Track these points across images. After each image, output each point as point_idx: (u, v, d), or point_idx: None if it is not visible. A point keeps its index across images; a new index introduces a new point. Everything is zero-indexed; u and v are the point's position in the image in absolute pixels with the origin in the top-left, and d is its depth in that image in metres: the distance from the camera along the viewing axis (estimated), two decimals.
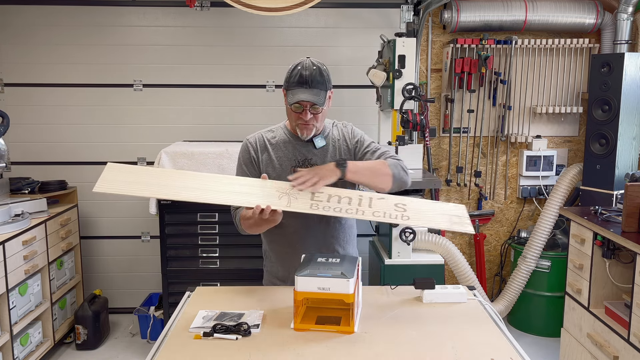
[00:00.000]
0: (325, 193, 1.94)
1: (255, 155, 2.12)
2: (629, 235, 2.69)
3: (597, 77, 3.63)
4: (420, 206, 1.99)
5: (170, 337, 1.69)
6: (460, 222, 1.95)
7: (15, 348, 3.11)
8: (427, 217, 1.96)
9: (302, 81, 1.95)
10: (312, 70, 1.96)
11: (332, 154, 2.11)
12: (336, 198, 1.93)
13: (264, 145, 2.12)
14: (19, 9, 4.00)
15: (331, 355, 1.56)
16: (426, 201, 2.08)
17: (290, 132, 2.13)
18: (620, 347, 2.73)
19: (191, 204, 3.43)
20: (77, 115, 4.13)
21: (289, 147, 2.11)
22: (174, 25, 4.08)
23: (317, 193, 1.93)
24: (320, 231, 2.11)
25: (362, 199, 1.94)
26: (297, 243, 2.11)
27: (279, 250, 2.18)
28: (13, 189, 3.64)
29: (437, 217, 1.97)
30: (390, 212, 1.91)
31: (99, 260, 4.30)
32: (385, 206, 1.93)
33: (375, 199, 1.96)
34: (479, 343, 1.65)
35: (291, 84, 1.98)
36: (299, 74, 1.96)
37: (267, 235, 2.21)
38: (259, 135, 2.16)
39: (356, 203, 1.92)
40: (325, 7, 4.02)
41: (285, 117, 2.15)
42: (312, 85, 1.96)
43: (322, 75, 1.99)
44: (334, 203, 1.91)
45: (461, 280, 3.79)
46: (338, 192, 1.96)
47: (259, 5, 3.08)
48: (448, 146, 4.18)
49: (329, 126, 2.16)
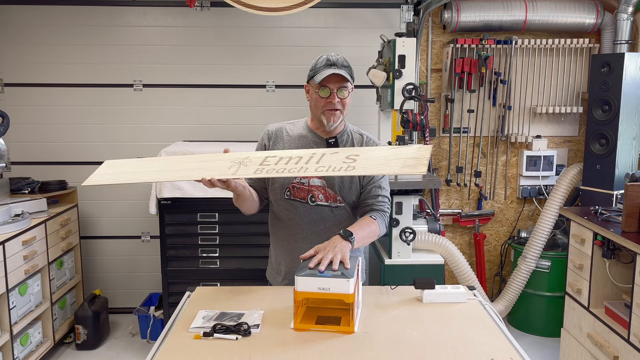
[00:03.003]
0: (278, 156, 1.86)
1: (268, 143, 2.15)
2: (629, 235, 2.69)
3: (597, 77, 3.63)
4: (373, 154, 1.83)
5: (170, 337, 1.69)
6: (414, 164, 1.70)
7: (15, 348, 3.11)
8: (375, 164, 1.78)
9: (330, 63, 2.00)
10: (338, 57, 2.02)
11: None
12: (286, 159, 1.83)
13: (281, 135, 2.15)
14: (19, 9, 4.00)
15: (331, 355, 1.56)
16: (382, 148, 1.92)
17: (309, 128, 2.14)
18: (620, 347, 2.73)
19: (191, 204, 3.47)
20: (77, 115, 4.13)
21: (303, 141, 2.12)
22: (174, 25, 4.08)
23: (269, 157, 1.86)
24: (318, 231, 2.11)
25: (312, 157, 1.82)
26: (292, 237, 2.13)
27: (276, 242, 2.21)
28: (13, 189, 3.64)
29: (389, 162, 1.77)
30: (335, 166, 1.75)
31: (99, 260, 4.30)
32: (333, 160, 1.79)
33: (328, 154, 1.83)
34: (479, 343, 1.65)
35: (318, 68, 2.01)
36: (326, 58, 2.01)
37: (270, 225, 2.25)
38: (280, 124, 2.19)
39: (304, 161, 1.80)
40: (325, 7, 4.02)
41: (308, 114, 2.16)
42: (340, 67, 1.99)
43: (348, 62, 2.04)
44: (280, 165, 1.81)
45: (461, 280, 3.79)
46: (289, 153, 1.88)
47: (259, 5, 3.08)
48: (448, 146, 4.18)
49: (351, 132, 2.16)
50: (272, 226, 2.22)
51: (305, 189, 2.08)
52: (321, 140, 2.12)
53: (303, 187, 2.08)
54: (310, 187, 2.08)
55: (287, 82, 4.14)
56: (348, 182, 2.11)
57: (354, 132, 2.17)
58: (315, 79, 2.00)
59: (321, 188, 2.08)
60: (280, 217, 2.14)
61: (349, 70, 2.01)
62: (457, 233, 4.33)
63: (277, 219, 2.16)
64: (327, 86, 1.99)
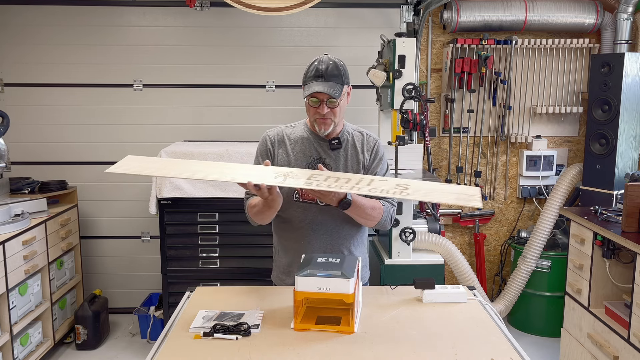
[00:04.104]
0: (325, 175, 1.89)
1: (272, 148, 2.15)
2: (629, 235, 2.69)
3: (597, 77, 3.63)
4: (424, 186, 1.90)
5: (170, 337, 1.69)
6: (468, 199, 1.80)
7: (15, 348, 3.11)
8: (431, 193, 1.87)
9: (318, 74, 1.99)
10: (329, 65, 2.00)
11: (345, 159, 2.12)
12: (334, 179, 1.87)
13: (282, 140, 2.15)
14: (19, 9, 4.00)
15: (331, 355, 1.56)
16: (433, 183, 1.95)
17: (309, 129, 2.15)
18: (620, 347, 2.73)
19: (191, 204, 3.48)
20: (77, 115, 4.13)
21: (305, 144, 2.13)
22: (174, 25, 4.08)
23: (315, 174, 1.89)
24: (330, 229, 2.12)
25: (362, 179, 1.88)
26: (304, 239, 2.12)
27: (287, 245, 2.20)
28: (13, 189, 3.64)
29: (444, 193, 1.86)
30: (388, 189, 1.81)
31: (99, 260, 4.30)
32: (385, 185, 1.84)
33: (377, 180, 1.89)
34: (479, 343, 1.65)
35: (308, 78, 2.02)
36: (315, 68, 2.00)
37: (277, 229, 2.23)
38: (279, 129, 2.19)
39: (354, 182, 1.86)
40: (325, 7, 4.02)
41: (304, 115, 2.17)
42: (328, 79, 1.99)
43: (338, 69, 2.02)
44: (330, 182, 1.84)
45: (461, 280, 3.79)
46: (337, 174, 1.91)
47: (259, 5, 3.08)
48: (448, 146, 4.19)
49: (350, 130, 2.17)
50: (280, 230, 2.20)
51: None
52: (324, 141, 2.12)
53: None
54: None
55: (287, 82, 4.14)
56: None
57: (353, 131, 2.18)
58: (304, 90, 2.02)
59: None
60: (290, 220, 2.14)
61: (338, 80, 2.00)
62: (457, 233, 4.33)
63: (286, 221, 2.15)
64: (316, 97, 2.00)
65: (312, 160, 2.10)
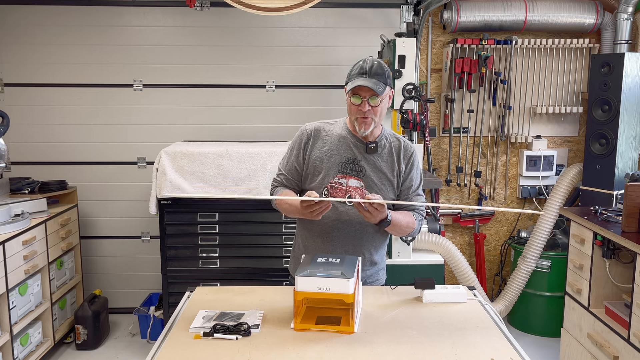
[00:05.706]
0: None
1: (308, 142, 2.15)
2: (629, 235, 2.69)
3: (597, 77, 3.63)
4: None
5: (170, 337, 1.69)
6: None
7: (15, 348, 3.11)
8: None
9: (362, 72, 2.01)
10: (373, 63, 2.02)
11: (379, 164, 2.12)
12: None
13: (319, 135, 2.16)
14: (19, 9, 4.00)
15: (331, 355, 1.56)
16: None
17: (348, 128, 2.15)
18: (620, 347, 2.73)
19: (191, 204, 3.48)
20: (77, 115, 4.13)
21: (342, 143, 2.13)
22: (174, 25, 4.08)
23: None
24: (354, 230, 2.12)
25: None
26: (327, 234, 2.13)
27: (308, 239, 2.19)
28: (13, 189, 3.64)
29: None
30: None
31: (99, 260, 4.30)
32: None
33: None
34: (479, 343, 1.65)
35: (352, 75, 2.04)
36: (359, 66, 2.02)
37: (300, 222, 2.24)
38: (317, 124, 2.20)
39: None
40: (325, 7, 4.02)
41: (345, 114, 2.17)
42: (372, 76, 1.99)
43: (383, 69, 2.02)
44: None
45: (461, 280, 3.79)
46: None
47: (259, 5, 3.07)
48: (448, 146, 4.19)
49: (388, 136, 2.17)
50: (305, 222, 2.19)
51: (344, 189, 2.09)
52: (361, 143, 2.12)
53: (341, 187, 2.09)
54: (349, 187, 2.09)
55: (287, 82, 4.14)
56: (386, 186, 2.12)
57: (391, 137, 2.18)
58: (347, 86, 2.04)
59: (359, 189, 2.08)
60: None
61: (382, 79, 2.00)
62: (457, 233, 4.33)
63: None
64: (358, 94, 2.01)
65: (346, 160, 2.10)
